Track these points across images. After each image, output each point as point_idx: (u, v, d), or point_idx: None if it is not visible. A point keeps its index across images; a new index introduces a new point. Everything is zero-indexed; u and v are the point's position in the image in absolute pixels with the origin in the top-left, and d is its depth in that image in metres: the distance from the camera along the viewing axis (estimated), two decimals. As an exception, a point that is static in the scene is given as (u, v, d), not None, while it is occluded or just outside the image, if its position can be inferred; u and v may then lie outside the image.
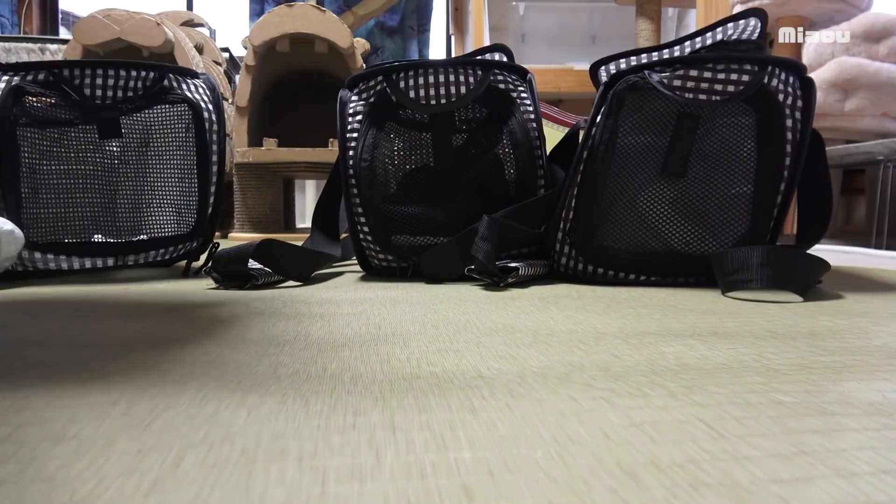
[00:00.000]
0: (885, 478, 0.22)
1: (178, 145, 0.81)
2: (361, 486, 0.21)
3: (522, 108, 0.78)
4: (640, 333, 0.44)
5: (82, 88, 0.76)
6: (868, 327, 0.47)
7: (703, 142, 0.69)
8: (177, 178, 0.81)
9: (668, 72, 0.68)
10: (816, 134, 0.72)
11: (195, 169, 0.81)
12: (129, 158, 0.79)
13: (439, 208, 0.78)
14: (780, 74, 0.67)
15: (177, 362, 0.36)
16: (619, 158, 0.70)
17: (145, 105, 0.79)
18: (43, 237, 0.74)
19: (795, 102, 0.68)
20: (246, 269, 0.69)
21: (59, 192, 0.75)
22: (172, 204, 0.81)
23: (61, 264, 0.74)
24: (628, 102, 0.69)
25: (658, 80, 0.68)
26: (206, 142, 0.82)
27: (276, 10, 1.73)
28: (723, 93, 0.67)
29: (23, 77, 0.73)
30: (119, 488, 0.21)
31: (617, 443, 0.24)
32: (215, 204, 0.84)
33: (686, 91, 0.68)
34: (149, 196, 0.80)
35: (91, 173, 0.77)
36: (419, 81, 0.77)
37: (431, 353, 0.39)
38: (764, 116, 0.68)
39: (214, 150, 0.83)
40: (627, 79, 0.69)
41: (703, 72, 0.67)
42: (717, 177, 0.70)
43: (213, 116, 0.83)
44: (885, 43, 1.54)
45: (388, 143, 0.78)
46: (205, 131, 0.82)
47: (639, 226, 0.71)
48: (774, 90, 0.67)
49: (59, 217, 0.75)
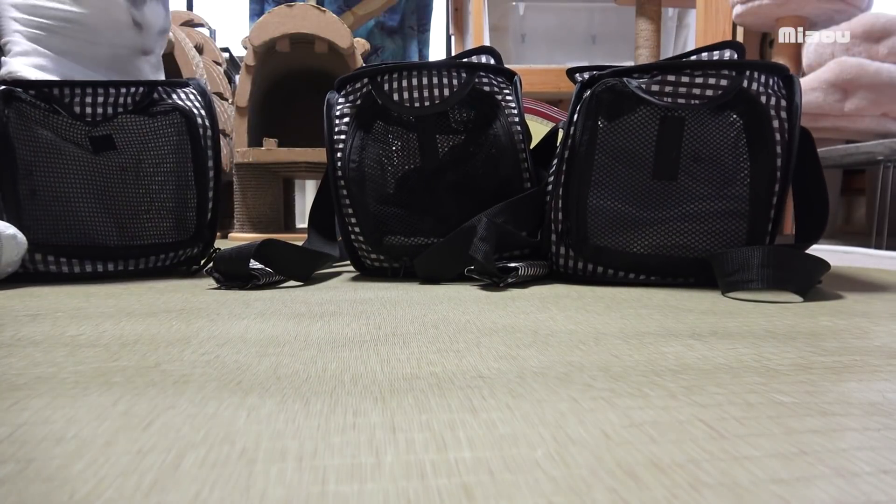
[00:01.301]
0: (885, 478, 0.22)
1: (173, 154, 0.81)
2: (361, 485, 0.21)
3: (507, 111, 0.79)
4: (640, 333, 0.44)
5: (72, 107, 0.76)
6: (868, 327, 0.47)
7: (694, 144, 0.70)
8: (174, 186, 0.81)
9: (646, 77, 0.69)
10: (805, 132, 0.72)
11: (192, 176, 0.81)
12: (126, 165, 0.79)
13: (427, 209, 0.78)
14: (759, 77, 0.68)
15: (177, 362, 0.36)
16: (603, 160, 0.71)
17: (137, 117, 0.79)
18: (44, 239, 0.73)
19: (780, 102, 0.68)
20: (247, 269, 0.69)
21: (57, 194, 0.74)
22: (172, 212, 0.81)
23: (62, 268, 0.74)
24: (607, 104, 0.70)
25: (637, 85, 0.69)
26: (201, 148, 0.81)
27: (276, 10, 1.73)
28: (701, 97, 0.68)
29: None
30: (119, 488, 0.21)
31: (617, 443, 0.24)
32: (214, 209, 0.84)
33: (665, 95, 0.68)
34: (147, 204, 0.80)
35: (88, 180, 0.77)
36: (403, 84, 0.77)
37: (431, 354, 0.39)
38: (749, 120, 0.68)
39: (210, 156, 0.83)
40: (605, 81, 0.70)
41: (681, 76, 0.68)
42: (711, 179, 0.70)
43: (207, 122, 0.83)
44: (885, 43, 1.54)
45: (375, 144, 0.78)
46: (199, 138, 0.81)
47: (631, 228, 0.71)
48: (756, 93, 0.67)
49: (59, 219, 0.74)
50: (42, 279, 0.73)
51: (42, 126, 0.74)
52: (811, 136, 0.74)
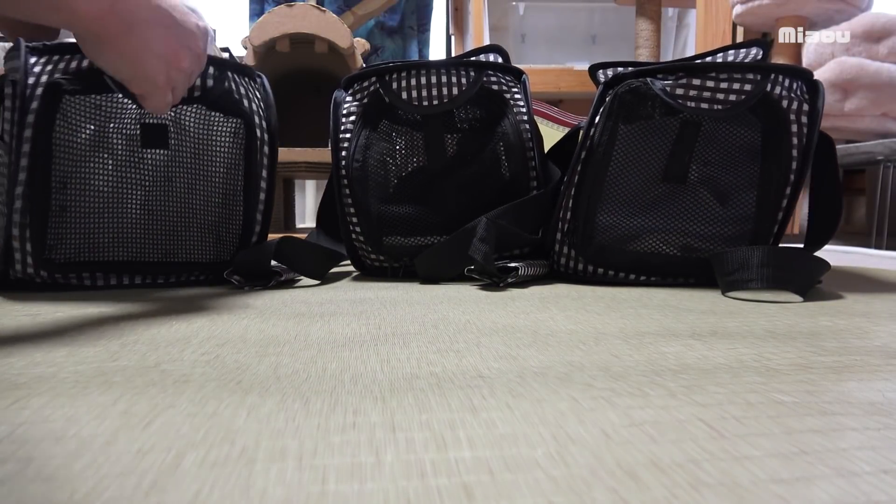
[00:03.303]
0: (885, 477, 0.22)
1: (226, 164, 0.72)
2: (361, 485, 0.21)
3: (515, 110, 0.78)
4: (640, 333, 0.44)
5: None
6: (868, 327, 0.47)
7: (706, 147, 0.69)
8: (220, 201, 0.72)
9: (670, 79, 0.68)
10: (826, 137, 0.72)
11: (241, 192, 0.72)
12: (171, 174, 0.69)
13: (432, 209, 0.78)
14: (783, 81, 0.67)
15: (177, 362, 0.36)
16: (618, 161, 0.70)
17: (198, 108, 0.69)
18: (67, 257, 0.65)
19: (801, 107, 0.67)
20: (269, 266, 0.69)
21: (90, 209, 0.66)
22: (212, 229, 0.72)
23: (84, 281, 0.66)
24: (629, 106, 0.69)
25: (661, 87, 0.68)
26: (256, 161, 0.72)
27: (276, 10, 1.73)
28: (725, 101, 0.67)
29: (64, 68, 0.63)
30: (119, 488, 0.21)
31: (617, 442, 0.24)
32: (262, 230, 0.74)
33: (689, 100, 0.67)
34: (189, 218, 0.70)
35: (127, 188, 0.67)
36: (412, 82, 0.77)
37: (431, 353, 0.39)
38: (768, 125, 0.68)
39: (264, 175, 0.74)
40: (630, 82, 0.69)
41: (706, 80, 0.67)
42: (720, 181, 0.70)
43: (266, 135, 0.74)
44: (885, 43, 1.54)
45: (380, 143, 0.78)
46: (255, 151, 0.72)
47: (638, 229, 0.71)
48: (778, 97, 0.67)
49: (88, 235, 0.66)
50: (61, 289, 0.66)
51: (88, 119, 0.65)
52: (832, 141, 0.73)
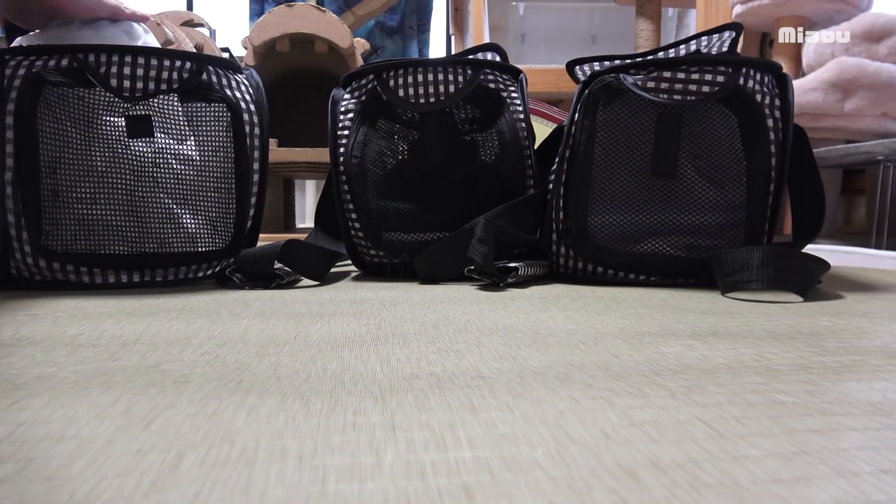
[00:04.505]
0: (885, 477, 0.22)
1: (214, 150, 0.72)
2: (361, 485, 0.21)
3: (512, 108, 0.79)
4: (640, 333, 0.44)
5: (108, 78, 0.65)
6: (868, 327, 0.47)
7: (692, 142, 0.70)
8: (213, 187, 0.72)
9: (642, 74, 0.69)
10: (800, 130, 0.72)
11: (233, 178, 0.72)
12: (159, 161, 0.70)
13: (429, 205, 0.79)
14: (755, 75, 0.68)
15: (177, 362, 0.36)
16: (601, 158, 0.71)
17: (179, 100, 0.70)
18: (65, 246, 0.66)
19: (773, 101, 0.68)
20: (272, 269, 0.69)
21: (82, 194, 0.66)
22: (207, 216, 0.72)
23: (82, 278, 0.67)
24: (604, 102, 0.70)
25: (632, 82, 0.69)
26: (246, 148, 0.73)
27: (276, 10, 1.73)
28: (697, 93, 0.68)
29: (45, 62, 0.65)
30: (119, 488, 0.21)
31: (617, 442, 0.24)
32: (256, 218, 0.75)
33: (661, 92, 0.68)
34: (181, 206, 0.70)
35: (117, 176, 0.68)
36: (409, 80, 0.77)
37: (431, 353, 0.39)
38: (745, 118, 0.68)
39: (256, 157, 0.74)
40: (602, 79, 0.70)
41: (677, 73, 0.68)
42: (709, 176, 0.70)
43: (255, 118, 0.74)
44: (885, 43, 1.54)
45: (378, 140, 0.79)
46: (245, 135, 0.72)
47: (632, 233, 0.71)
48: (752, 91, 0.67)
49: (83, 222, 0.66)
50: (60, 287, 0.66)
51: (72, 110, 0.66)
52: (806, 134, 0.74)
